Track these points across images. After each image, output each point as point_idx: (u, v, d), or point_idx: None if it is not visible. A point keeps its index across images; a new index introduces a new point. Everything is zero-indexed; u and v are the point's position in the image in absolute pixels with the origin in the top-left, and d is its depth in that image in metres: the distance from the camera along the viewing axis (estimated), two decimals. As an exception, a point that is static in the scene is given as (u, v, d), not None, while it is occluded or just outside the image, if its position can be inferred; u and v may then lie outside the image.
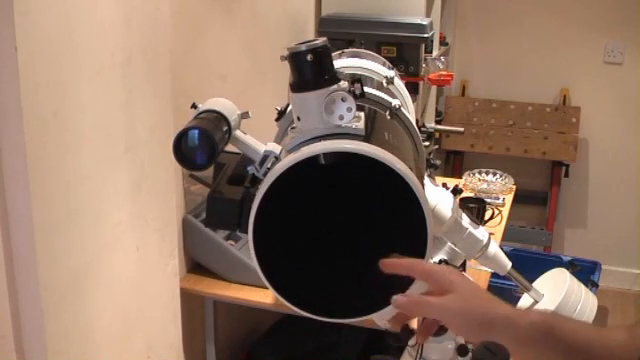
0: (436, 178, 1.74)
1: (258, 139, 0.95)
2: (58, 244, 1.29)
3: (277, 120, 1.06)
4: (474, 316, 0.76)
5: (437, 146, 3.47)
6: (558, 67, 3.73)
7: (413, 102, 1.39)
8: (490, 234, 1.37)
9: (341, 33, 2.49)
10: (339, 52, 1.34)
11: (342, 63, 1.26)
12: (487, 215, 2.22)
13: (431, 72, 2.52)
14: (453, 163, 3.92)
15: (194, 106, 0.95)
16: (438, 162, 1.73)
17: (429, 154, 1.70)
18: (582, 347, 0.77)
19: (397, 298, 0.79)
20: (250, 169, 0.90)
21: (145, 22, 1.49)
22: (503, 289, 2.18)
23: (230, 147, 0.94)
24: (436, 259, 1.30)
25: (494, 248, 1.34)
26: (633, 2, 3.51)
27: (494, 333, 0.76)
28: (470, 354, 1.07)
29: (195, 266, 1.95)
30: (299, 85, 0.86)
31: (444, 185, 1.92)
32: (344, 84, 0.86)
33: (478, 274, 1.75)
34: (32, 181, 1.20)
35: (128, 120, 1.47)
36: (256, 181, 0.88)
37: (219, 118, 0.92)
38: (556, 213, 3.83)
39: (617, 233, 3.78)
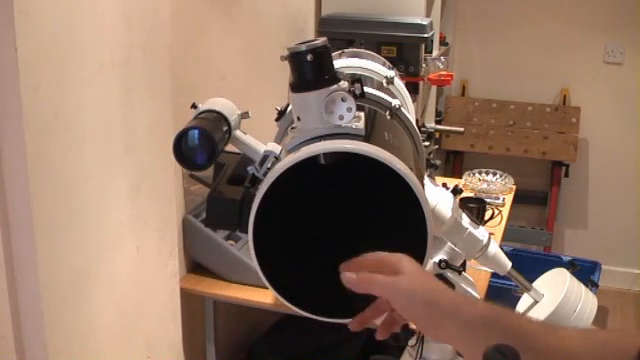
0: (436, 178, 1.74)
1: (258, 139, 0.95)
2: (59, 244, 1.29)
3: (277, 120, 1.06)
4: (419, 296, 0.75)
5: (437, 146, 3.46)
6: (558, 67, 3.73)
7: (413, 102, 1.39)
8: (490, 234, 1.37)
9: (341, 33, 2.49)
10: (339, 52, 1.34)
11: (342, 63, 1.26)
12: (487, 215, 2.22)
13: (431, 72, 2.52)
14: (453, 163, 3.92)
15: (194, 106, 0.95)
16: (438, 162, 1.73)
17: (429, 154, 1.70)
18: (531, 337, 0.75)
19: (347, 274, 0.78)
20: (250, 169, 0.90)
21: (144, 21, 1.49)
22: (503, 289, 2.17)
23: (230, 147, 0.94)
24: (436, 259, 1.30)
25: (494, 248, 1.35)
26: (633, 3, 3.51)
27: (438, 316, 0.75)
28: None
29: (195, 266, 1.95)
30: (299, 85, 0.86)
31: (444, 185, 1.92)
32: (344, 84, 0.86)
33: (478, 274, 1.75)
34: (32, 181, 1.20)
35: (128, 120, 1.47)
36: (256, 181, 0.88)
37: (219, 118, 0.92)
38: (556, 213, 3.83)
39: (617, 233, 3.78)
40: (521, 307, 1.45)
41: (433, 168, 1.59)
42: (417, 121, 1.21)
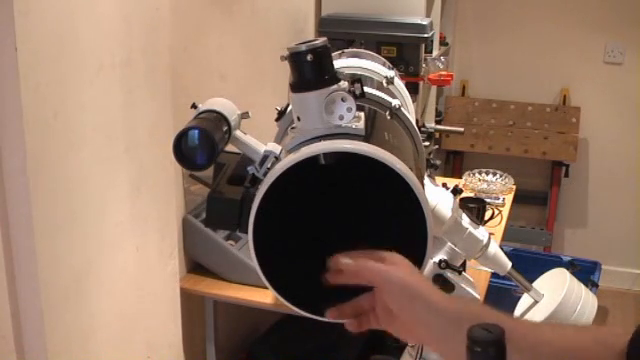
0: (436, 178, 1.74)
1: (258, 139, 0.95)
2: (59, 244, 1.29)
3: (277, 120, 1.06)
4: (395, 276, 0.79)
5: (437, 146, 3.46)
6: (558, 67, 3.73)
7: (413, 102, 1.39)
8: (490, 234, 1.37)
9: (341, 33, 2.49)
10: (339, 52, 1.34)
11: (342, 63, 1.26)
12: (487, 215, 2.22)
13: (431, 72, 2.52)
14: (453, 163, 3.92)
15: (194, 106, 0.95)
16: (438, 162, 1.74)
17: (429, 154, 1.70)
18: (513, 333, 0.74)
19: (341, 259, 0.80)
20: (250, 169, 0.90)
21: (144, 21, 1.49)
22: (503, 289, 2.18)
23: (230, 147, 0.94)
24: (436, 259, 1.30)
25: (494, 248, 1.35)
26: (633, 2, 3.51)
27: (410, 296, 0.78)
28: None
29: (195, 266, 1.95)
30: (299, 85, 0.86)
31: (444, 185, 1.93)
32: (344, 84, 0.86)
33: (478, 274, 1.75)
34: (32, 181, 1.20)
35: (128, 120, 1.47)
36: (256, 181, 0.88)
37: (219, 118, 0.92)
38: (556, 213, 3.83)
39: (617, 233, 3.78)
40: (521, 307, 1.45)
41: (433, 168, 1.59)
42: (417, 121, 1.21)
